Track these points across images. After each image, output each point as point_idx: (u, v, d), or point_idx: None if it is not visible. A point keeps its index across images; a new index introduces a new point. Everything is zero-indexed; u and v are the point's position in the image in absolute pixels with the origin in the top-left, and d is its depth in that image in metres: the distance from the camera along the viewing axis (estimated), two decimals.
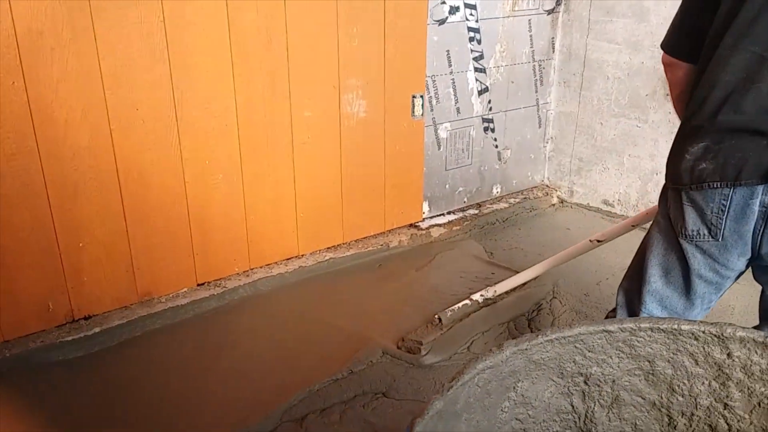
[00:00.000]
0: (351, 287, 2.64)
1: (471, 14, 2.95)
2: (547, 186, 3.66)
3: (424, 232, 3.09)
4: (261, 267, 2.64)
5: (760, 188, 1.25)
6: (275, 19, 2.34)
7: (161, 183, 2.27)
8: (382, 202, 2.95)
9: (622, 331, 0.91)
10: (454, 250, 3.00)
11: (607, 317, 1.72)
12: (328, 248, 2.84)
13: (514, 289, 2.52)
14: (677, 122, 1.45)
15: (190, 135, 2.28)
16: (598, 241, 2.17)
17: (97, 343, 2.19)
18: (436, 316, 2.36)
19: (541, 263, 2.39)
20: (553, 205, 3.59)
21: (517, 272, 2.53)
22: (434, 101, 2.98)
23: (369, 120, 2.75)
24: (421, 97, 2.88)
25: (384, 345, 2.25)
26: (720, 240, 1.34)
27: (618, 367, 0.94)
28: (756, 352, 0.89)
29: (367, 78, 2.67)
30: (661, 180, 1.51)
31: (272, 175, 2.55)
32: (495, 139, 3.33)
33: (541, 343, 0.89)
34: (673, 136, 1.43)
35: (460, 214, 3.28)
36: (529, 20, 3.20)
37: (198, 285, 2.49)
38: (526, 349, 0.88)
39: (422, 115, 2.92)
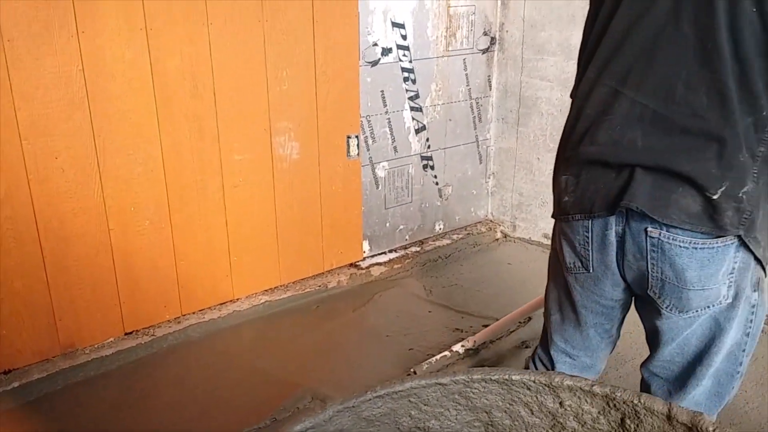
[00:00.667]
0: (286, 331, 2.61)
1: (404, 55, 3.00)
2: (490, 221, 3.69)
3: (364, 271, 3.09)
4: (193, 313, 2.61)
5: (612, 219, 1.27)
6: (200, 64, 2.35)
7: (83, 232, 2.24)
8: (320, 243, 2.94)
9: (455, 383, 0.91)
10: (394, 288, 2.99)
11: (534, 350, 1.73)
12: (265, 291, 2.82)
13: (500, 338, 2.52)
14: None
15: (113, 182, 2.26)
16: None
17: (17, 398, 2.13)
18: (412, 370, 2.32)
19: (516, 311, 2.46)
20: (497, 239, 3.61)
21: (457, 309, 2.55)
22: (370, 141, 3.00)
23: (303, 161, 2.76)
24: (356, 137, 2.90)
25: (314, 389, 2.22)
26: (591, 271, 1.36)
27: (456, 419, 0.94)
28: (586, 401, 0.89)
29: (299, 120, 2.69)
30: None
31: (203, 220, 2.53)
32: (435, 176, 3.36)
33: (371, 399, 0.88)
34: None
35: (402, 252, 3.29)
36: (464, 59, 3.26)
37: (126, 334, 2.44)
38: (354, 407, 0.87)
39: (358, 155, 2.93)
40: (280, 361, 2.40)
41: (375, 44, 2.87)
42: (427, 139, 3.24)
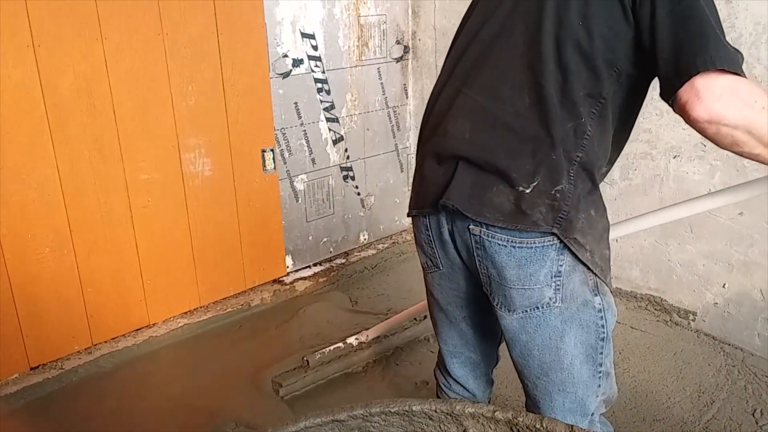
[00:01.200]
0: (206, 354, 2.52)
1: (316, 65, 2.96)
2: None
3: (288, 286, 3.02)
4: (105, 342, 2.48)
5: (442, 217, 1.29)
6: (96, 81, 2.24)
7: None
8: (240, 260, 2.86)
9: (353, 418, 0.87)
10: (319, 302, 2.93)
11: None
12: (183, 314, 2.71)
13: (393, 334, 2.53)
14: None
15: (6, 209, 2.13)
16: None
17: None
18: (304, 358, 2.35)
19: (406, 310, 2.44)
20: None
21: (381, 318, 2.54)
22: (287, 154, 2.94)
23: (216, 178, 2.67)
24: (272, 150, 2.84)
25: (237, 416, 2.13)
26: (442, 269, 1.38)
27: None
28: (490, 428, 0.87)
29: (209, 136, 2.60)
30: None
31: (110, 244, 2.41)
32: (356, 187, 3.32)
33: None
34: None
35: (327, 265, 3.24)
36: (378, 68, 3.24)
37: (31, 369, 2.30)
38: None
39: (275, 168, 2.87)
40: (200, 387, 2.30)
41: (285, 55, 2.82)
42: (346, 150, 3.21)
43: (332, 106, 3.08)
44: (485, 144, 1.22)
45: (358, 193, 3.34)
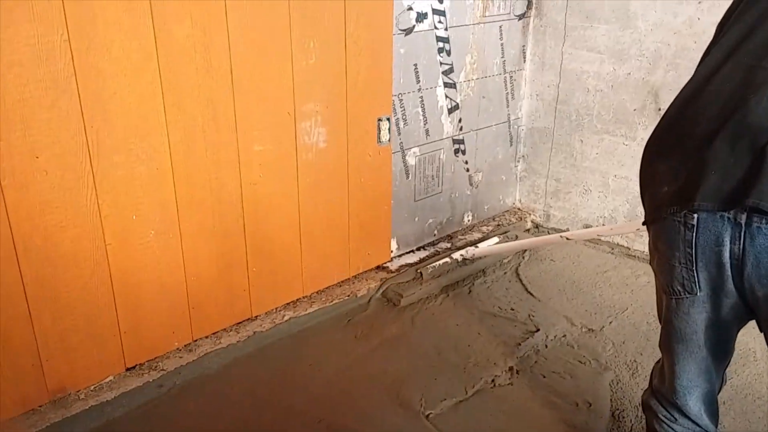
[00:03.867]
0: (319, 354, 2.18)
1: (440, 21, 2.55)
2: (519, 209, 3.30)
3: (394, 274, 2.67)
4: (207, 336, 2.15)
5: (725, 234, 1.08)
6: (215, 34, 1.86)
7: (74, 249, 1.75)
8: (347, 244, 2.51)
9: None
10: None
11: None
12: (287, 305, 2.37)
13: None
14: None
15: (110, 185, 1.77)
16: (567, 238, 2.41)
17: None
18: (418, 271, 2.60)
19: (516, 242, 2.76)
20: (528, 230, 3.24)
21: (509, 319, 2.20)
22: (402, 123, 2.56)
23: (330, 151, 2.30)
24: (388, 119, 2.46)
25: None
26: (698, 294, 1.20)
27: None
28: None
29: (327, 101, 2.23)
30: None
31: (218, 226, 2.06)
32: (466, 162, 2.94)
33: None
34: None
35: (432, 249, 2.88)
36: (500, 27, 2.82)
37: (127, 369, 1.97)
38: None
39: (389, 140, 2.49)
40: (320, 397, 1.97)
41: (410, 8, 2.42)
42: (460, 120, 2.82)
43: (451, 69, 2.68)
44: None
45: (467, 170, 2.96)
